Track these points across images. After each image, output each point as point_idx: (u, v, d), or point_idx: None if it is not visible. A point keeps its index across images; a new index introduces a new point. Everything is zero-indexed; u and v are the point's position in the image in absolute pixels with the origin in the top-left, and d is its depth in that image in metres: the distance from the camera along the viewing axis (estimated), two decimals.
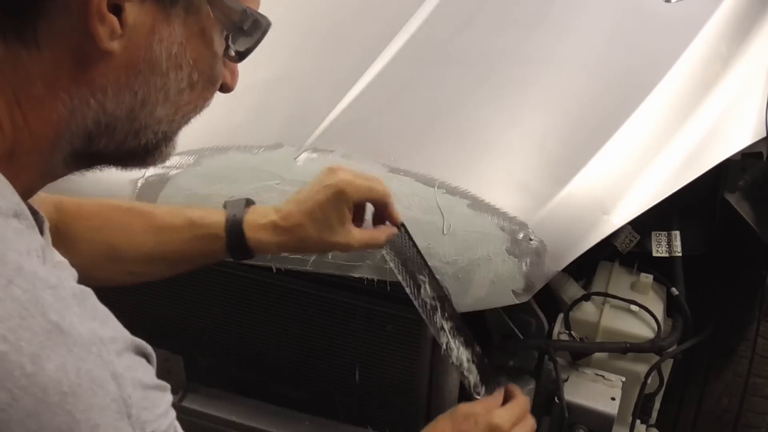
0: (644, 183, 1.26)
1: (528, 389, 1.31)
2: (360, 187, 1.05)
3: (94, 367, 0.60)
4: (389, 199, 1.09)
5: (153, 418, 0.66)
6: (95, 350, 0.61)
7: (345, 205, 1.05)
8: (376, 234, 1.10)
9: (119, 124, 0.68)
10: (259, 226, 1.06)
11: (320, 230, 1.05)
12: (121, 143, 0.70)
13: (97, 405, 0.59)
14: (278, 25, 1.62)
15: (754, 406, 1.55)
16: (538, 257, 1.15)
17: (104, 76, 0.65)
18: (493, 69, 1.40)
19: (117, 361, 0.63)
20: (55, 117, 0.65)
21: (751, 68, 1.45)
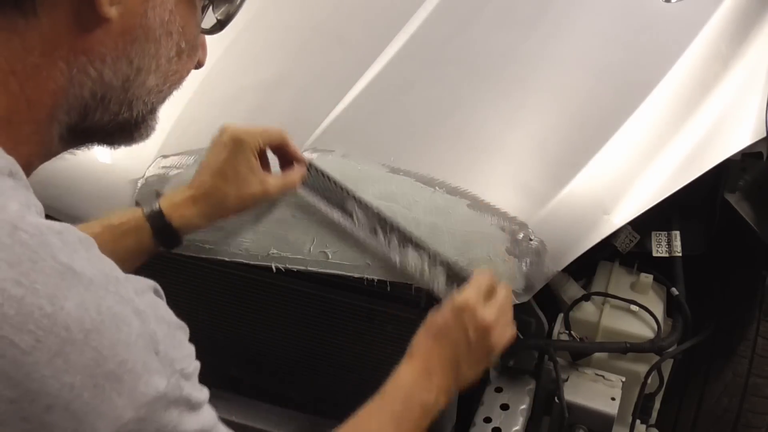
0: (644, 183, 1.26)
1: (528, 389, 1.31)
2: (254, 132, 1.09)
3: (114, 303, 0.60)
4: (287, 139, 1.13)
5: (181, 357, 0.67)
6: (113, 288, 0.61)
7: (249, 154, 1.07)
8: (288, 176, 1.14)
9: (115, 94, 0.68)
10: (177, 205, 1.08)
11: (236, 186, 1.08)
12: (116, 115, 0.70)
13: (123, 341, 0.60)
14: (278, 25, 1.63)
15: (754, 406, 1.55)
16: (538, 257, 1.15)
17: (102, 44, 0.65)
18: (493, 69, 1.40)
19: (137, 299, 0.63)
20: (53, 86, 0.64)
21: (751, 68, 1.45)
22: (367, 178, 1.21)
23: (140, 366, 0.60)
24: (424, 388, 0.98)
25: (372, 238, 1.15)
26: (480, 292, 1.03)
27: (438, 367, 0.99)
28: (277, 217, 1.20)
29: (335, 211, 1.16)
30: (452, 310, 1.02)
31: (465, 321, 1.00)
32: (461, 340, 1.00)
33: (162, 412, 0.62)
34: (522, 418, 1.26)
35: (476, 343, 1.00)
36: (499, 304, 1.04)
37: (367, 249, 1.16)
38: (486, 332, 1.01)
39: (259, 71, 1.45)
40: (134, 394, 0.60)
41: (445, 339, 1.00)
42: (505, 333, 1.05)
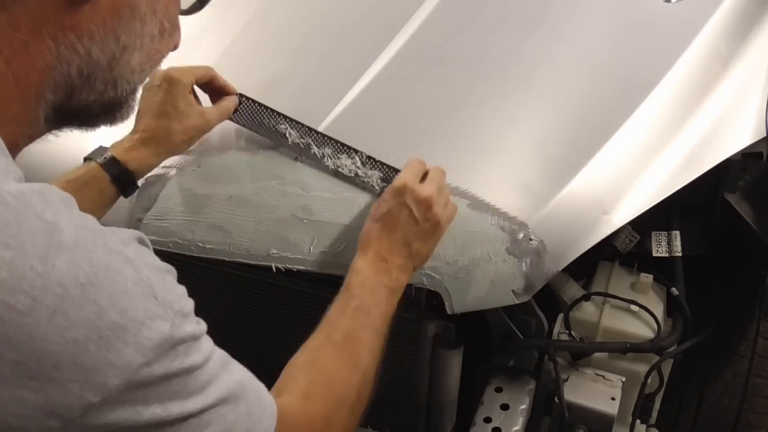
0: (644, 183, 1.26)
1: (528, 389, 1.31)
2: (185, 69, 1.17)
3: (104, 255, 0.60)
4: (215, 74, 1.22)
5: (176, 297, 0.67)
6: (100, 241, 0.61)
7: (184, 90, 1.15)
8: (222, 104, 1.23)
9: (101, 73, 0.69)
10: (128, 149, 1.13)
11: (179, 121, 1.14)
12: (101, 94, 0.70)
13: (120, 290, 0.60)
14: (278, 25, 1.63)
15: (754, 406, 1.55)
16: (538, 257, 1.15)
17: (91, 21, 0.65)
18: (493, 69, 1.40)
19: (125, 249, 0.63)
20: (40, 64, 0.64)
21: (751, 68, 1.45)
22: None
23: (141, 313, 0.61)
24: (384, 275, 1.01)
25: (306, 152, 1.24)
26: (415, 174, 1.08)
27: (392, 251, 1.03)
28: (277, 217, 1.20)
29: (271, 135, 1.26)
30: (392, 193, 1.06)
31: (406, 200, 1.04)
32: (407, 218, 1.04)
33: (169, 352, 0.63)
34: (522, 418, 1.26)
35: (422, 218, 1.05)
36: (435, 180, 1.08)
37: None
38: (428, 206, 1.05)
39: (259, 71, 1.45)
40: (140, 340, 0.60)
41: (391, 222, 1.04)
42: (448, 207, 1.10)
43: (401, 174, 1.09)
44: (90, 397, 0.58)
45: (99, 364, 0.58)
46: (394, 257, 1.03)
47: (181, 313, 0.66)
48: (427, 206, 1.05)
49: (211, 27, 1.53)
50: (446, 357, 1.27)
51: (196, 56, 1.47)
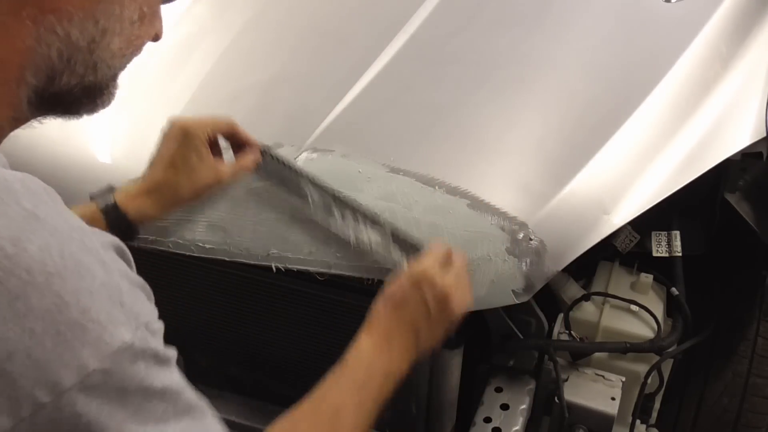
0: (644, 183, 1.26)
1: (528, 389, 1.31)
2: (202, 122, 1.12)
3: (78, 251, 0.60)
4: (236, 126, 1.16)
5: (144, 312, 0.66)
6: (77, 236, 0.61)
7: (197, 143, 1.10)
8: (242, 161, 1.17)
9: (81, 56, 0.69)
10: (132, 197, 1.10)
11: (188, 175, 1.10)
12: (81, 77, 0.70)
13: (86, 288, 0.59)
14: (278, 25, 1.63)
15: (754, 406, 1.55)
16: (538, 257, 1.15)
17: (70, 3, 0.65)
18: (493, 69, 1.40)
19: (102, 251, 0.63)
20: (20, 45, 0.64)
21: (751, 68, 1.45)
22: (367, 178, 1.22)
23: (104, 316, 0.60)
24: (384, 357, 0.98)
25: (328, 217, 1.17)
26: (437, 261, 1.04)
27: (398, 335, 1.00)
28: (277, 217, 1.20)
29: (292, 195, 1.19)
30: (410, 279, 1.02)
31: (423, 290, 1.01)
32: (420, 308, 1.01)
33: (128, 364, 0.61)
34: (522, 418, 1.26)
35: (435, 311, 1.01)
36: (456, 272, 1.04)
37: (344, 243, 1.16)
38: (445, 300, 1.01)
39: (259, 71, 1.45)
40: (99, 344, 0.59)
41: (404, 308, 1.01)
42: (464, 300, 1.06)
43: (423, 259, 1.04)
44: (41, 397, 0.56)
45: (53, 362, 0.57)
46: (399, 343, 0.99)
47: (146, 327, 0.65)
48: (443, 300, 1.01)
49: (211, 27, 1.53)
50: (446, 357, 1.27)
51: (196, 56, 1.47)
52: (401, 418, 1.35)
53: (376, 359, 0.97)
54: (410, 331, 1.00)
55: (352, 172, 1.22)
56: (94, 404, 0.59)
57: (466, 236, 1.15)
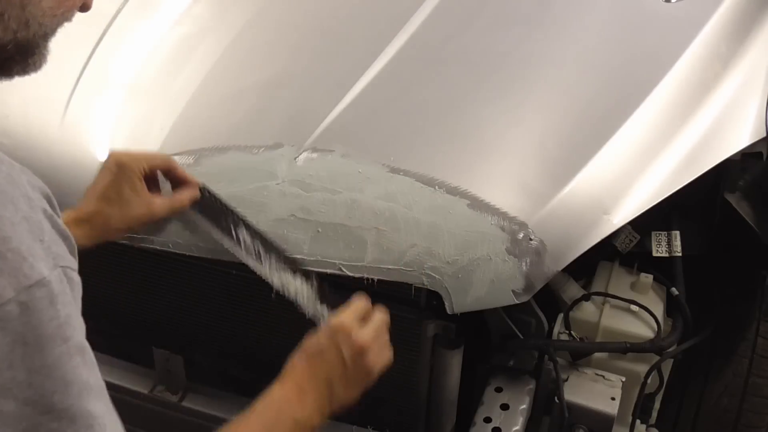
0: (644, 183, 1.26)
1: (528, 389, 1.31)
2: (138, 156, 1.14)
3: (4, 182, 0.60)
4: (173, 163, 1.18)
5: (66, 258, 0.66)
6: (5, 169, 0.61)
7: (132, 177, 1.12)
8: (177, 197, 1.18)
9: (14, 11, 0.69)
10: None
11: (120, 208, 1.12)
12: (15, 33, 0.71)
13: (7, 218, 0.59)
14: (278, 25, 1.63)
15: (754, 406, 1.55)
16: (538, 257, 1.15)
17: None
18: (493, 69, 1.40)
19: (30, 190, 0.63)
20: None
21: (751, 68, 1.45)
22: (367, 178, 1.22)
23: (24, 248, 0.60)
24: (296, 405, 0.97)
25: (257, 262, 1.17)
26: (356, 315, 1.04)
27: (311, 386, 0.99)
28: (276, 217, 1.20)
29: (225, 236, 1.18)
30: (326, 331, 1.02)
31: (339, 342, 1.00)
32: (335, 360, 1.00)
33: (46, 303, 0.61)
34: (522, 418, 1.26)
35: (351, 364, 1.00)
36: (374, 327, 1.04)
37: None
38: (361, 353, 1.01)
39: (259, 71, 1.45)
40: (17, 275, 0.59)
41: (318, 359, 1.00)
42: (382, 355, 1.05)
43: (341, 313, 1.04)
44: None
45: None
46: (312, 394, 0.98)
47: (64, 272, 0.64)
48: (359, 353, 1.01)
49: (211, 27, 1.53)
50: (446, 357, 1.27)
51: (196, 56, 1.47)
52: (401, 418, 1.35)
53: (286, 407, 0.96)
54: (324, 383, 0.99)
55: (352, 172, 1.22)
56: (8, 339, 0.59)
57: (466, 236, 1.15)
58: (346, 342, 1.00)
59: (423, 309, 1.22)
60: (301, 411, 0.97)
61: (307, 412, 0.97)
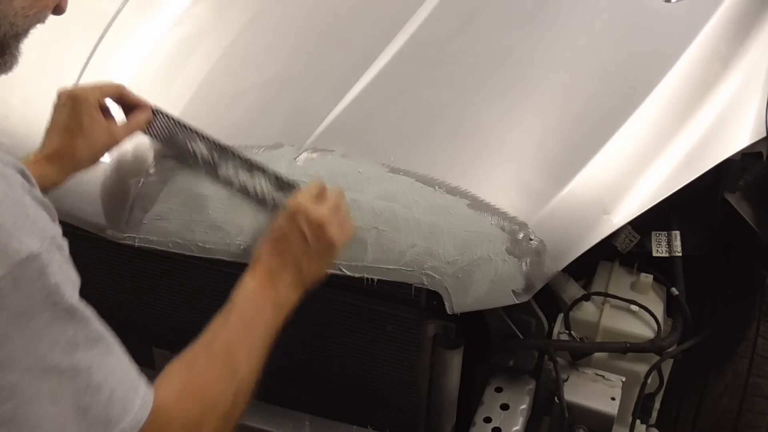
0: (644, 183, 1.26)
1: (528, 389, 1.31)
2: (89, 88, 1.18)
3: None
4: (124, 89, 1.21)
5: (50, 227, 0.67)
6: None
7: (89, 107, 1.15)
8: (134, 120, 1.21)
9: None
10: (33, 165, 1.12)
11: (84, 138, 1.15)
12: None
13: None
14: (278, 25, 1.63)
15: (754, 406, 1.55)
16: (538, 257, 1.15)
17: None
18: (493, 69, 1.40)
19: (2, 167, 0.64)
20: None
21: (750, 68, 1.45)
22: (367, 178, 1.22)
23: (10, 224, 0.61)
24: (270, 290, 1.02)
25: (215, 168, 1.23)
26: (310, 195, 1.09)
27: (280, 269, 1.04)
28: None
29: (181, 151, 1.25)
30: (286, 214, 1.07)
31: (299, 221, 1.05)
32: (298, 238, 1.05)
33: (36, 276, 0.63)
34: (522, 418, 1.26)
35: (314, 240, 1.05)
36: (331, 202, 1.09)
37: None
38: (320, 227, 1.06)
39: (259, 71, 1.45)
40: (6, 251, 0.60)
41: (282, 241, 1.06)
42: (343, 227, 1.10)
43: (297, 195, 1.10)
44: None
45: None
46: (282, 274, 1.04)
47: (52, 241, 0.66)
48: (319, 228, 1.06)
49: (211, 27, 1.53)
50: (446, 357, 1.27)
51: (196, 56, 1.47)
52: (401, 418, 1.35)
53: (262, 295, 1.01)
54: (292, 263, 1.04)
55: (352, 172, 1.22)
56: (4, 314, 0.61)
57: (466, 236, 1.15)
58: (305, 220, 1.05)
59: (423, 309, 1.22)
60: (276, 294, 1.02)
61: (283, 293, 1.03)
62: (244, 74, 1.45)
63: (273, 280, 1.03)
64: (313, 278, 1.08)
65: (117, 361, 0.77)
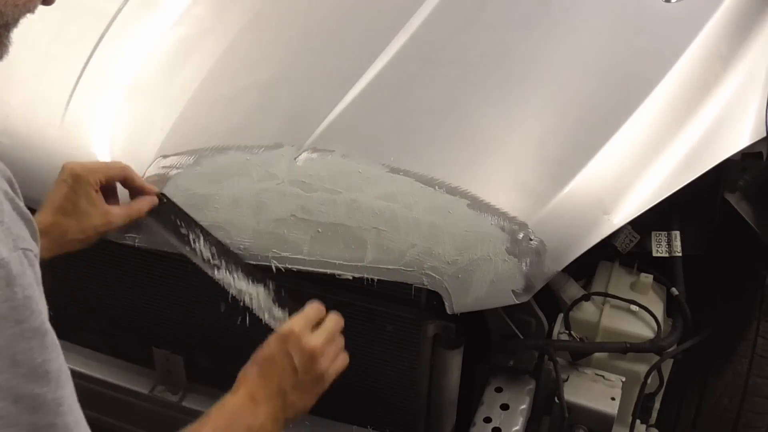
0: (644, 183, 1.26)
1: (528, 389, 1.31)
2: (93, 167, 1.14)
3: None
4: (130, 172, 1.18)
5: (26, 240, 0.65)
6: None
7: (88, 188, 1.12)
8: (135, 205, 1.18)
9: None
10: None
11: (77, 219, 1.12)
12: None
13: None
14: (278, 25, 1.63)
15: (754, 406, 1.55)
16: (538, 257, 1.15)
17: None
18: (493, 69, 1.40)
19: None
20: None
21: (751, 68, 1.45)
22: (367, 178, 1.22)
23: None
24: (248, 415, 0.97)
25: (214, 268, 1.18)
26: (307, 321, 1.04)
27: (263, 395, 0.99)
28: (276, 217, 1.20)
29: (182, 243, 1.19)
30: (277, 338, 1.02)
31: (289, 349, 1.00)
32: (286, 368, 1.00)
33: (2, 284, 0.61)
34: (522, 418, 1.26)
35: (303, 371, 1.01)
36: (326, 332, 1.04)
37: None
38: (312, 359, 1.01)
39: (259, 71, 1.45)
40: None
41: (270, 367, 1.00)
42: (337, 361, 1.06)
43: (292, 319, 1.05)
44: None
45: None
46: (265, 403, 0.99)
47: (24, 254, 0.64)
48: (310, 359, 1.01)
49: (211, 27, 1.53)
50: (446, 357, 1.27)
51: (196, 56, 1.47)
52: (401, 418, 1.35)
53: (239, 416, 0.96)
54: (275, 391, 0.99)
55: (352, 172, 1.22)
56: None
57: (466, 236, 1.15)
58: (296, 348, 1.01)
59: (423, 309, 1.22)
60: (253, 419, 0.97)
61: (260, 421, 0.98)
62: (244, 74, 1.45)
63: (253, 407, 0.98)
64: (297, 412, 1.03)
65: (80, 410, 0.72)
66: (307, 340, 1.01)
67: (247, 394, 0.98)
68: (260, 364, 1.01)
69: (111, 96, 1.43)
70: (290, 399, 1.00)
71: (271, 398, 0.99)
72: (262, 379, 1.00)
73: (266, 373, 1.00)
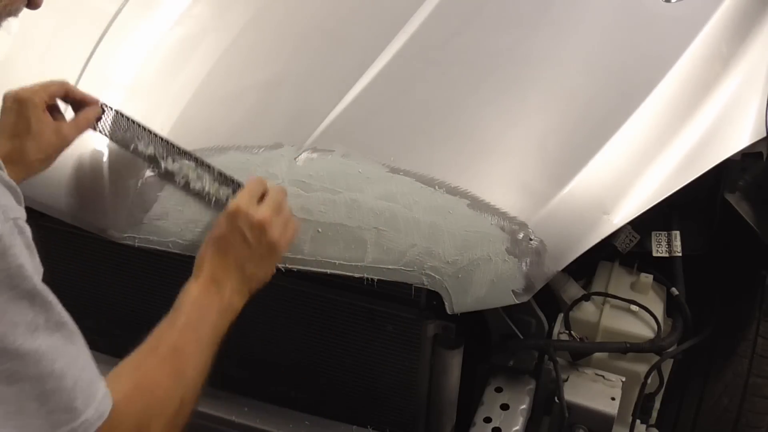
0: (644, 183, 1.26)
1: (528, 389, 1.31)
2: (33, 88, 1.17)
3: None
4: (70, 87, 1.21)
5: (13, 208, 0.67)
6: None
7: (36, 109, 1.14)
8: (82, 116, 1.21)
9: None
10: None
11: (33, 141, 1.14)
12: None
13: None
14: (278, 25, 1.63)
15: (754, 406, 1.55)
16: (538, 257, 1.15)
17: None
18: (493, 69, 1.40)
19: None
20: None
21: (750, 68, 1.45)
22: (367, 178, 1.22)
23: None
24: (215, 296, 1.02)
25: (160, 164, 1.24)
26: (251, 195, 1.08)
27: (224, 274, 1.04)
28: None
29: (128, 144, 1.26)
30: (226, 216, 1.06)
31: (239, 224, 1.05)
32: (240, 242, 1.05)
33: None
34: (522, 418, 1.26)
35: (256, 242, 1.05)
36: (272, 202, 1.08)
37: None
38: (262, 230, 1.05)
39: (259, 71, 1.45)
40: None
41: (224, 246, 1.05)
42: (286, 227, 1.10)
43: (237, 196, 1.09)
44: None
45: None
46: (227, 280, 1.04)
47: (15, 223, 0.66)
48: (261, 230, 1.05)
49: (211, 27, 1.53)
50: (446, 357, 1.27)
51: (196, 56, 1.47)
52: (401, 418, 1.35)
53: (206, 300, 1.01)
54: (235, 268, 1.04)
55: (352, 172, 1.22)
56: None
57: (466, 236, 1.15)
58: (245, 222, 1.05)
59: (423, 309, 1.22)
60: (221, 300, 1.02)
61: (227, 299, 1.03)
62: (244, 74, 1.45)
63: (217, 287, 1.03)
64: (259, 281, 1.07)
65: (79, 351, 0.77)
66: (254, 212, 1.05)
67: (208, 276, 1.03)
68: (214, 245, 1.06)
69: (111, 96, 1.43)
70: (249, 271, 1.05)
71: (230, 274, 1.04)
72: (219, 258, 1.04)
73: (221, 251, 1.05)
